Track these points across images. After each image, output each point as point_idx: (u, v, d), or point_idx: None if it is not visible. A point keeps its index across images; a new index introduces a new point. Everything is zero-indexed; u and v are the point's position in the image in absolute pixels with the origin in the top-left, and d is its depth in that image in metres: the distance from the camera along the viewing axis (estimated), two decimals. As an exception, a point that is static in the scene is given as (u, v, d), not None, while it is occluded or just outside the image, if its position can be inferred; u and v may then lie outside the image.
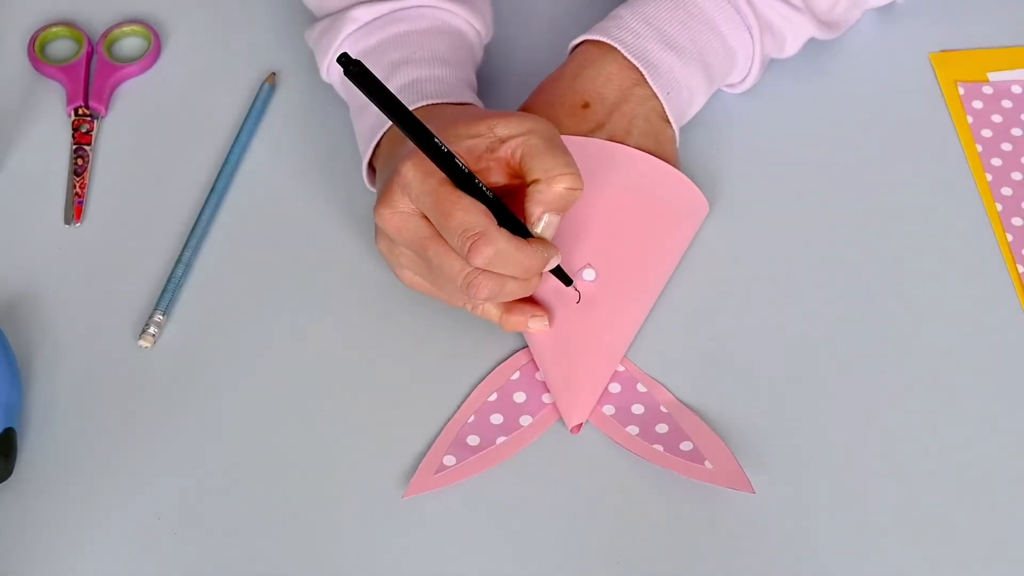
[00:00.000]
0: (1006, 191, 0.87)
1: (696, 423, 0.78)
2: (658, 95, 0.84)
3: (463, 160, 0.74)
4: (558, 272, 0.78)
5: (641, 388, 0.80)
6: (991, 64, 0.93)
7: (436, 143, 0.72)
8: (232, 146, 0.90)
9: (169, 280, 0.84)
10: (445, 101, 0.82)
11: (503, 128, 0.76)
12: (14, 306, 0.83)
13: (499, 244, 0.73)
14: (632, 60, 0.84)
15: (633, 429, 0.78)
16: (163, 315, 0.82)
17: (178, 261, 0.84)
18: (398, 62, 0.84)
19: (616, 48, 0.84)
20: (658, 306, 0.82)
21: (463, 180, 0.73)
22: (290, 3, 0.97)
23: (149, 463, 0.77)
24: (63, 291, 0.84)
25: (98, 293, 0.84)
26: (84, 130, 0.91)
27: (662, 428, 0.78)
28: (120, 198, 0.88)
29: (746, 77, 0.89)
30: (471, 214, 0.73)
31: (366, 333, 0.82)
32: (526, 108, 0.86)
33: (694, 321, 0.82)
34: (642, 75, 0.84)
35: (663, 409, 0.79)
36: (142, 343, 0.82)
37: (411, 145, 0.74)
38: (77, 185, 0.88)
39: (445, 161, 0.73)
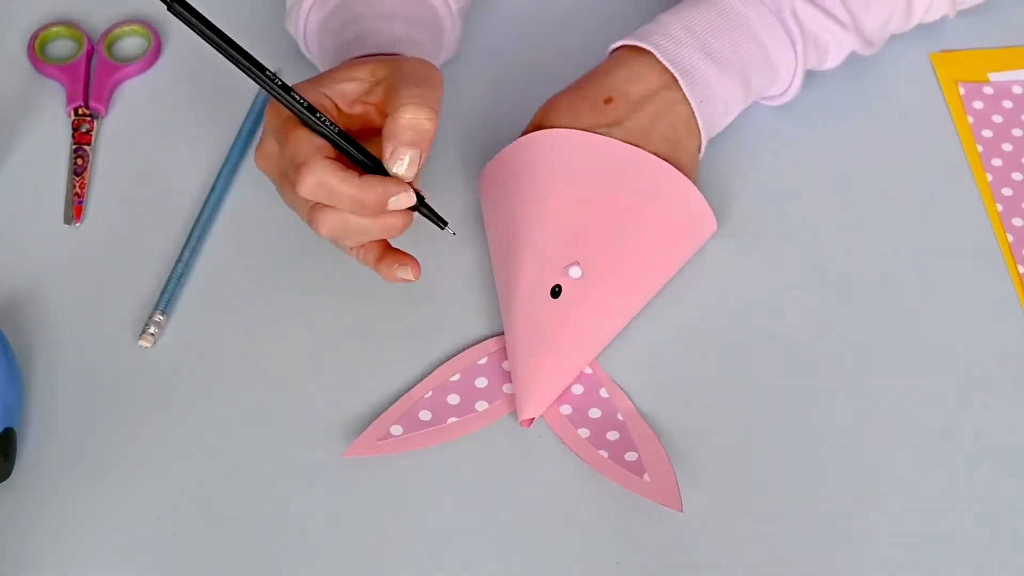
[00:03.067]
0: (1007, 191, 0.87)
1: (648, 436, 0.77)
2: (690, 102, 0.82)
3: (333, 103, 0.74)
4: (428, 214, 0.77)
5: (604, 393, 0.79)
6: (992, 64, 0.93)
7: (268, 76, 0.72)
8: (232, 146, 0.90)
9: (169, 280, 0.83)
10: (382, 52, 0.81)
11: (381, 71, 0.75)
12: (14, 306, 0.83)
13: (320, 174, 0.72)
14: (667, 65, 0.82)
15: (584, 432, 0.78)
16: (163, 315, 0.82)
17: (178, 261, 0.84)
18: (347, 21, 0.84)
19: (652, 52, 0.83)
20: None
21: (303, 113, 0.73)
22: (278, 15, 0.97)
23: (148, 463, 0.77)
24: (63, 291, 0.84)
25: (98, 293, 0.84)
26: (84, 130, 0.91)
27: (613, 435, 0.77)
28: (120, 198, 0.88)
29: (787, 90, 0.87)
30: (299, 143, 0.72)
31: (365, 333, 0.82)
32: (552, 102, 0.84)
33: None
34: (675, 79, 0.82)
35: (619, 417, 0.78)
36: (142, 343, 0.82)
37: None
38: (77, 185, 0.88)
39: (280, 94, 0.72)
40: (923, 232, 0.86)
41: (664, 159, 0.82)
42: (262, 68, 0.72)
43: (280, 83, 0.72)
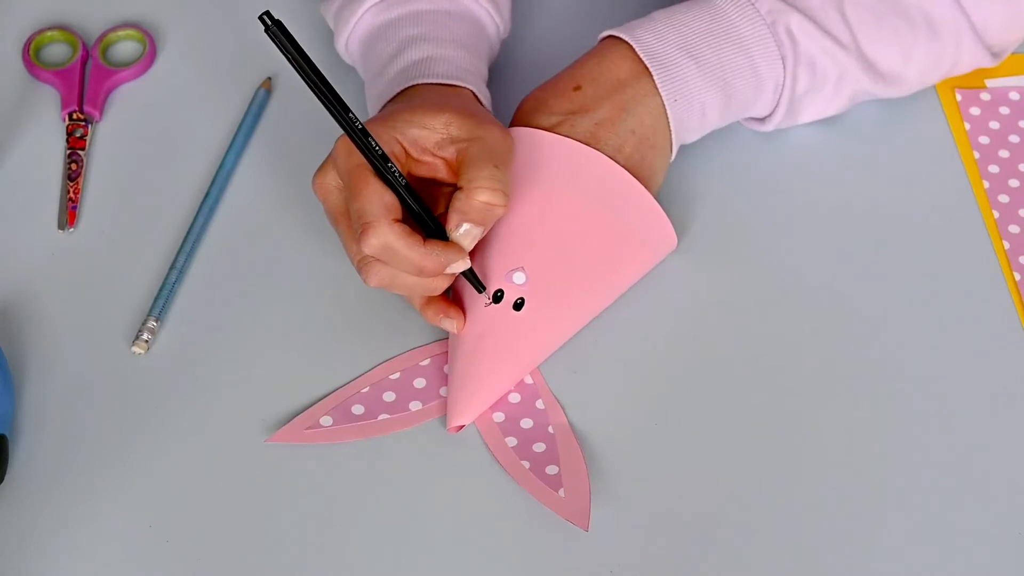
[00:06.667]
0: (1003, 198, 0.87)
1: (574, 451, 0.77)
2: (662, 96, 0.81)
3: (404, 148, 0.74)
4: (471, 278, 0.77)
5: (540, 405, 0.79)
6: (989, 70, 0.92)
7: (351, 118, 0.72)
8: (227, 151, 0.90)
9: (163, 286, 0.83)
10: (448, 83, 0.81)
11: (457, 128, 0.75)
12: (6, 312, 0.83)
13: (387, 238, 0.73)
14: (642, 57, 0.81)
15: (512, 441, 0.77)
16: (157, 321, 0.82)
17: (172, 267, 0.84)
18: (415, 37, 0.83)
19: (631, 45, 0.82)
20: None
21: (376, 163, 0.73)
22: (287, 8, 0.96)
23: (141, 470, 0.77)
24: (56, 297, 0.84)
25: (91, 299, 0.84)
26: (78, 135, 0.91)
27: (539, 447, 0.77)
28: (114, 203, 0.88)
29: (774, 111, 0.85)
30: (370, 202, 0.73)
31: (361, 338, 0.82)
32: (527, 97, 0.84)
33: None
34: (649, 73, 0.81)
35: (550, 430, 0.78)
36: (135, 349, 0.81)
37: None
38: (71, 190, 0.88)
39: (358, 139, 0.73)
40: (918, 239, 0.85)
41: (628, 155, 0.80)
42: (346, 108, 0.72)
43: (360, 127, 0.72)
